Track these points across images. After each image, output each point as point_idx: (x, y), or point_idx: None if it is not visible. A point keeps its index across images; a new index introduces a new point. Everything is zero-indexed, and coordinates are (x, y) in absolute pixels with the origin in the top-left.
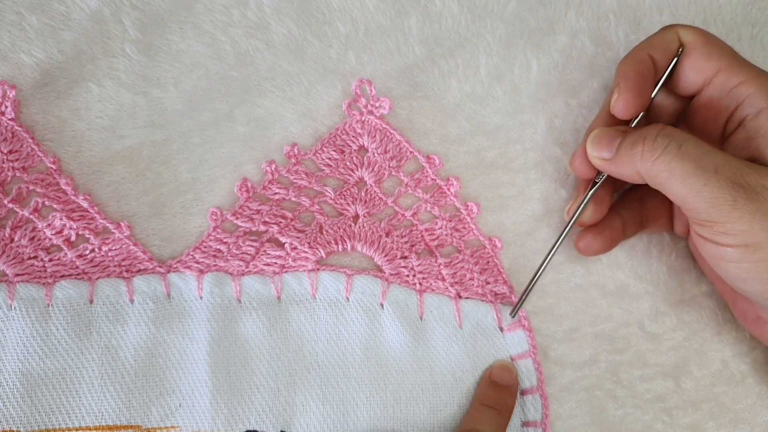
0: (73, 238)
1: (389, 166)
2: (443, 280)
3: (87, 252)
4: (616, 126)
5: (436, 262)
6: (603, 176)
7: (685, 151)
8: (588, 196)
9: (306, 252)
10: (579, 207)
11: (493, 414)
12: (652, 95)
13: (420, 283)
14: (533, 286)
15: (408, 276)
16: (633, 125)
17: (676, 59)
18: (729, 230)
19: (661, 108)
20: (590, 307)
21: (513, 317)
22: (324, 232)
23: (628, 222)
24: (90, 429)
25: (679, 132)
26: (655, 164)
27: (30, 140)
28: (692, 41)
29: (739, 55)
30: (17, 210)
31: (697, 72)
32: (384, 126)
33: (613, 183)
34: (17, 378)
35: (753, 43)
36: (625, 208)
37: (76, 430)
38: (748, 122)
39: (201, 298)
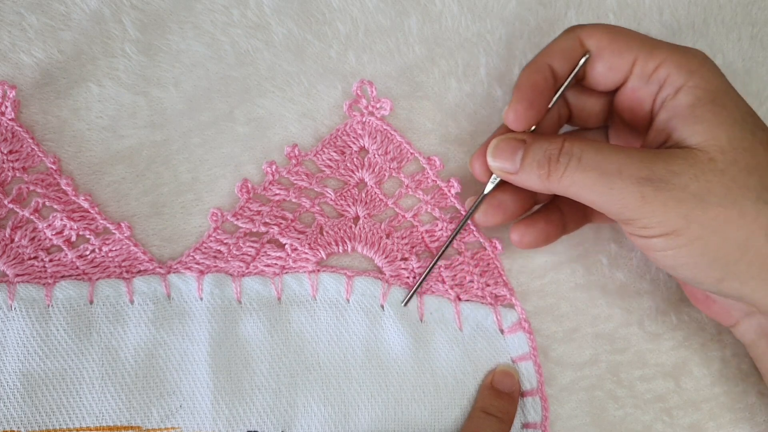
0: (73, 238)
1: (390, 168)
2: (443, 282)
3: (87, 252)
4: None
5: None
6: (496, 180)
7: (585, 162)
8: (480, 197)
9: (306, 253)
10: (474, 206)
11: (494, 422)
12: (549, 105)
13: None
14: (426, 276)
15: (408, 278)
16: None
17: (580, 65)
18: (646, 224)
19: (587, 109)
20: (590, 307)
21: (405, 305)
22: (324, 233)
23: (568, 215)
24: (90, 429)
25: (578, 144)
26: (562, 182)
27: (30, 140)
28: (597, 44)
29: (651, 38)
30: (17, 210)
31: (613, 71)
32: (385, 127)
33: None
34: (18, 378)
35: (753, 43)
36: (564, 202)
37: (77, 430)
38: (668, 102)
39: (201, 299)
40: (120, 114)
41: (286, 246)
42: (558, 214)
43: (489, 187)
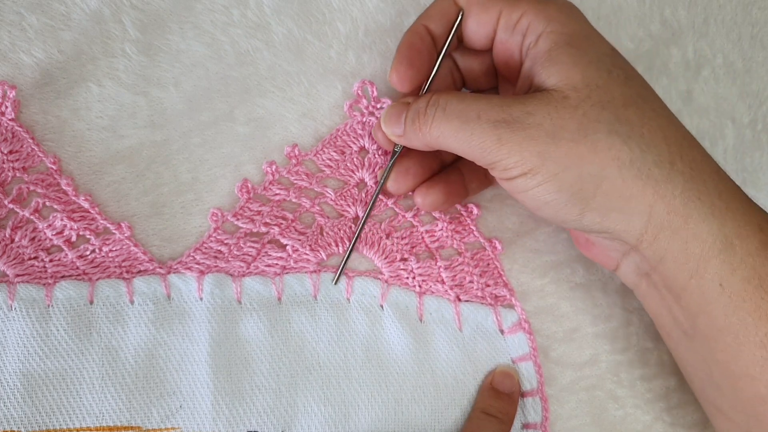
0: (73, 238)
1: None
2: (443, 282)
3: (87, 252)
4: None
5: (435, 264)
6: (400, 147)
7: (449, 111)
8: (388, 166)
9: (307, 254)
10: (383, 176)
11: (494, 423)
12: (436, 64)
13: (420, 286)
14: (349, 254)
15: (407, 278)
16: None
17: (456, 25)
18: (506, 165)
19: (475, 70)
20: (591, 307)
21: (336, 284)
22: (324, 234)
23: (468, 176)
24: (90, 430)
25: (445, 95)
26: (431, 133)
27: (30, 140)
28: (467, 2)
29: None
30: (18, 210)
31: (482, 26)
32: None
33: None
34: (18, 378)
35: (753, 43)
36: (464, 163)
37: (77, 430)
38: (531, 50)
39: (201, 299)
40: (120, 114)
41: (288, 247)
42: (458, 175)
43: (394, 154)
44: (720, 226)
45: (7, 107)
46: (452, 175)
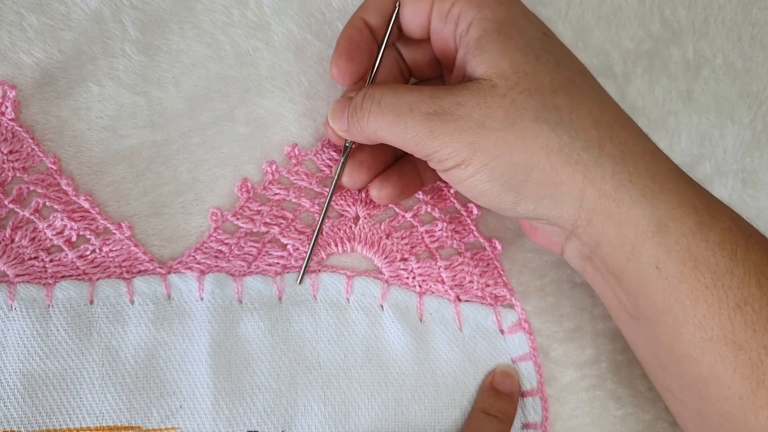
0: (73, 238)
1: None
2: (443, 282)
3: (88, 252)
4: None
5: (435, 264)
6: (351, 142)
7: (384, 104)
8: (341, 162)
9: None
10: (337, 171)
11: (495, 423)
12: (378, 57)
13: (420, 286)
14: (310, 254)
15: (408, 278)
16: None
17: (394, 16)
18: (441, 157)
19: (418, 60)
20: (591, 306)
21: (300, 284)
22: (324, 234)
23: (422, 166)
24: (90, 430)
25: (380, 88)
26: (369, 127)
27: (30, 140)
28: None
29: None
30: (18, 210)
31: (416, 14)
32: None
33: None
34: (18, 378)
35: (753, 43)
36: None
37: (77, 430)
38: (463, 39)
39: (202, 298)
40: (120, 114)
41: (288, 246)
42: (411, 166)
43: (346, 149)
44: (653, 208)
45: (7, 107)
46: (405, 166)
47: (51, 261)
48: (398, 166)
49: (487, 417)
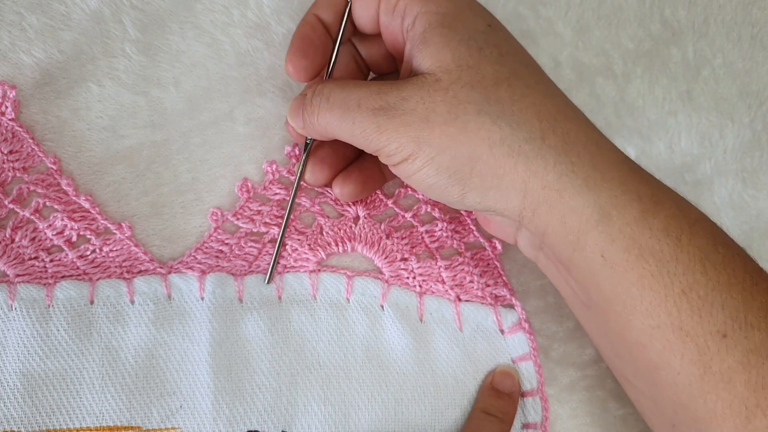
0: (74, 238)
1: None
2: (443, 282)
3: (88, 252)
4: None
5: (435, 264)
6: (311, 139)
7: (332, 101)
8: (303, 159)
9: (306, 254)
10: (299, 169)
11: (495, 422)
12: (334, 53)
13: (420, 285)
14: (277, 253)
15: (408, 278)
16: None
17: (347, 12)
18: (389, 152)
19: (373, 55)
20: None
21: (268, 283)
22: (324, 234)
23: (383, 163)
24: (90, 430)
25: (329, 84)
26: (320, 123)
27: (30, 140)
28: None
29: None
30: (18, 210)
31: (365, 9)
32: None
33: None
34: (18, 378)
35: (753, 43)
36: None
37: (77, 430)
38: (409, 33)
39: (203, 298)
40: (120, 114)
41: (287, 246)
42: (373, 162)
43: (306, 146)
44: (596, 197)
45: (7, 107)
46: (366, 162)
47: (51, 261)
48: (359, 163)
49: (487, 417)
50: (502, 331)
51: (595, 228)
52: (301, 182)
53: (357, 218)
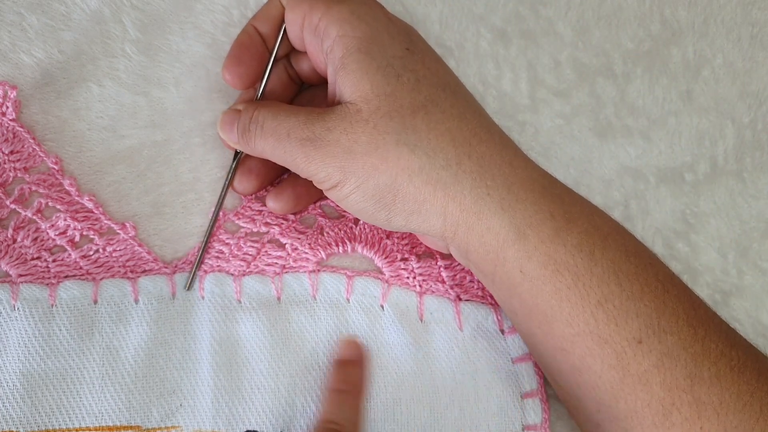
0: (77, 238)
1: None
2: (443, 282)
3: (91, 252)
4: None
5: (436, 264)
6: (241, 152)
7: (266, 129)
8: (231, 167)
9: (307, 253)
10: (227, 176)
11: (344, 398)
12: (268, 65)
13: (420, 285)
14: (201, 257)
15: (408, 278)
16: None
17: (282, 30)
18: (319, 180)
19: (305, 69)
20: None
21: (188, 289)
22: (325, 234)
23: None
24: (90, 429)
25: (264, 111)
26: (256, 148)
27: (31, 141)
28: (287, 2)
29: None
30: (20, 211)
31: (292, 25)
32: None
33: None
34: (17, 378)
35: (753, 43)
36: None
37: (77, 430)
38: (329, 55)
39: (203, 297)
40: (120, 114)
41: (287, 246)
42: (304, 179)
43: (236, 155)
44: (510, 218)
45: (8, 107)
46: (300, 177)
47: (54, 261)
48: (293, 178)
49: (337, 394)
50: (502, 331)
51: (512, 246)
52: (230, 190)
53: (357, 219)
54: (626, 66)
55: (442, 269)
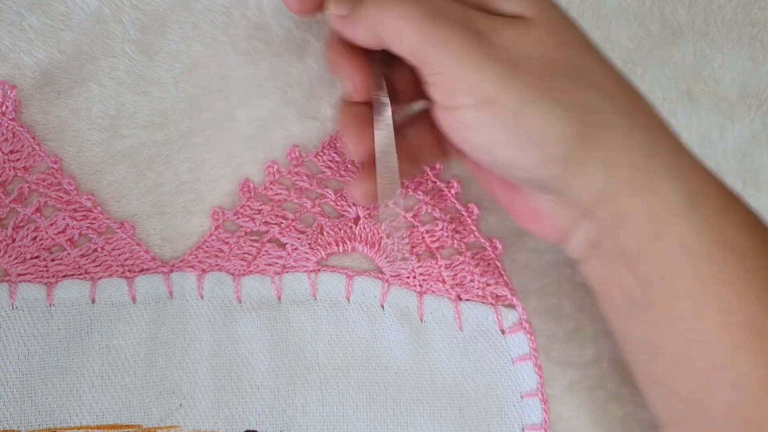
0: (76, 237)
1: None
2: (444, 282)
3: (90, 252)
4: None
5: (436, 264)
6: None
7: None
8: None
9: (307, 253)
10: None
11: None
12: None
13: (420, 285)
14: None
15: (408, 278)
16: None
17: None
18: (460, 88)
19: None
20: (592, 306)
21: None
22: (325, 233)
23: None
24: (90, 428)
25: None
26: (392, 11)
27: (31, 140)
28: None
29: None
30: (19, 210)
31: None
32: None
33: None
34: (17, 378)
35: (753, 43)
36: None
37: (77, 429)
38: None
39: (202, 297)
40: (120, 114)
41: (287, 245)
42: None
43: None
44: (684, 182)
45: (7, 107)
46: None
47: (53, 260)
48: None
49: None
50: (502, 331)
51: (681, 216)
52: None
53: (357, 218)
54: (626, 66)
55: (442, 269)
